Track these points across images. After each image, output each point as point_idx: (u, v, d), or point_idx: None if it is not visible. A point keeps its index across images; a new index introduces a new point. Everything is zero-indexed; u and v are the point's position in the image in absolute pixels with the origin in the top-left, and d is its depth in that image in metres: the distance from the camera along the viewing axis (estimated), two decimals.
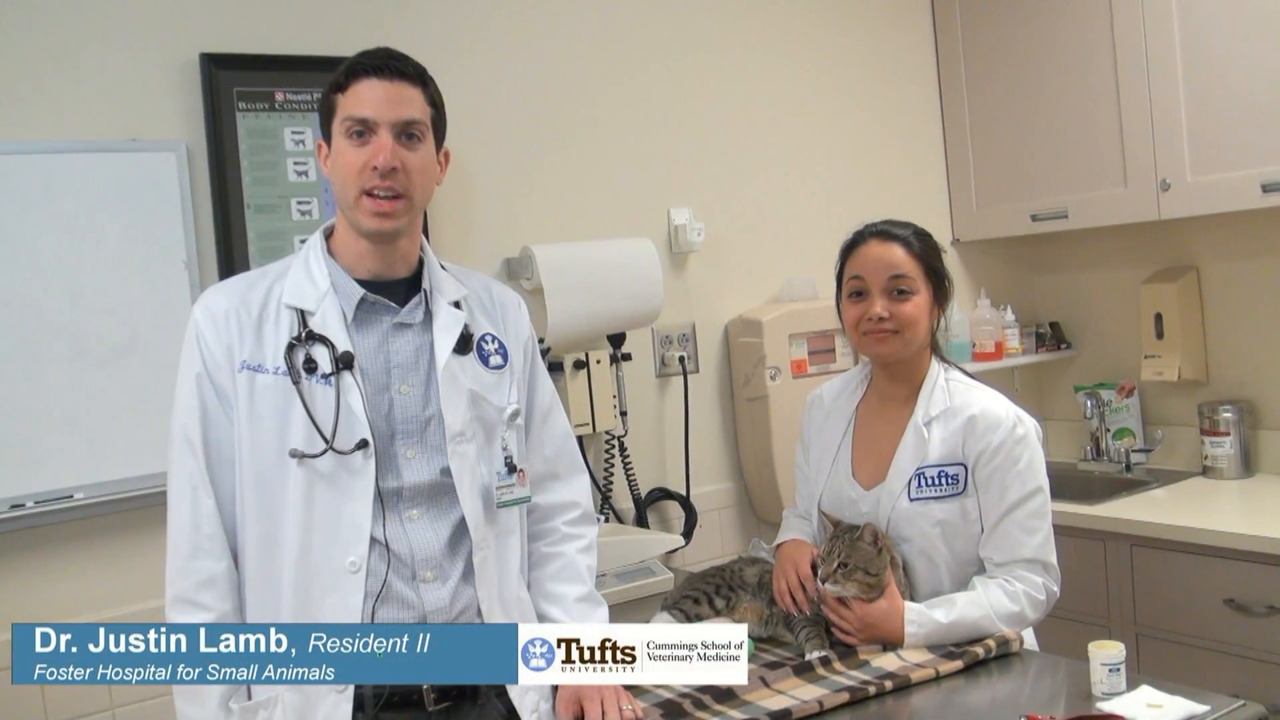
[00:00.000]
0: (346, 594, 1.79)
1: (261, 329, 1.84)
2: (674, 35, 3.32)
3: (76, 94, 2.45)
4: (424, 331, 1.90)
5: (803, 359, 3.34)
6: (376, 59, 1.81)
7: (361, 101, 1.79)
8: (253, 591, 1.82)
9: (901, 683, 2.00)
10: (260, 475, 1.80)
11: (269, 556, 1.80)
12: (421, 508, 1.86)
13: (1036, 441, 2.25)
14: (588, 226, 3.14)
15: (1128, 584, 3.11)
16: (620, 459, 3.14)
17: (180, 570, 1.79)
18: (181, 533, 1.80)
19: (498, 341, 1.99)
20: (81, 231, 2.40)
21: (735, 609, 2.33)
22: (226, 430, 1.81)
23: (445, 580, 1.86)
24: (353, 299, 1.86)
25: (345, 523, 1.80)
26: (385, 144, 1.79)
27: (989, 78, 3.75)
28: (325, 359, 1.82)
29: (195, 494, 1.80)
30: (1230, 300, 3.53)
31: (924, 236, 2.31)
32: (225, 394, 1.81)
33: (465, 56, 2.95)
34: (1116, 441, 3.76)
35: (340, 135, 1.81)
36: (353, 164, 1.80)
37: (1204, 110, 3.17)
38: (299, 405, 1.80)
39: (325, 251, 1.89)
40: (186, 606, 1.78)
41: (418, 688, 1.81)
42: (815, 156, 3.60)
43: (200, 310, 1.86)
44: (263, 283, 1.88)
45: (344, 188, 1.82)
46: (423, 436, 1.87)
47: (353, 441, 1.80)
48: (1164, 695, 1.86)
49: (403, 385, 1.87)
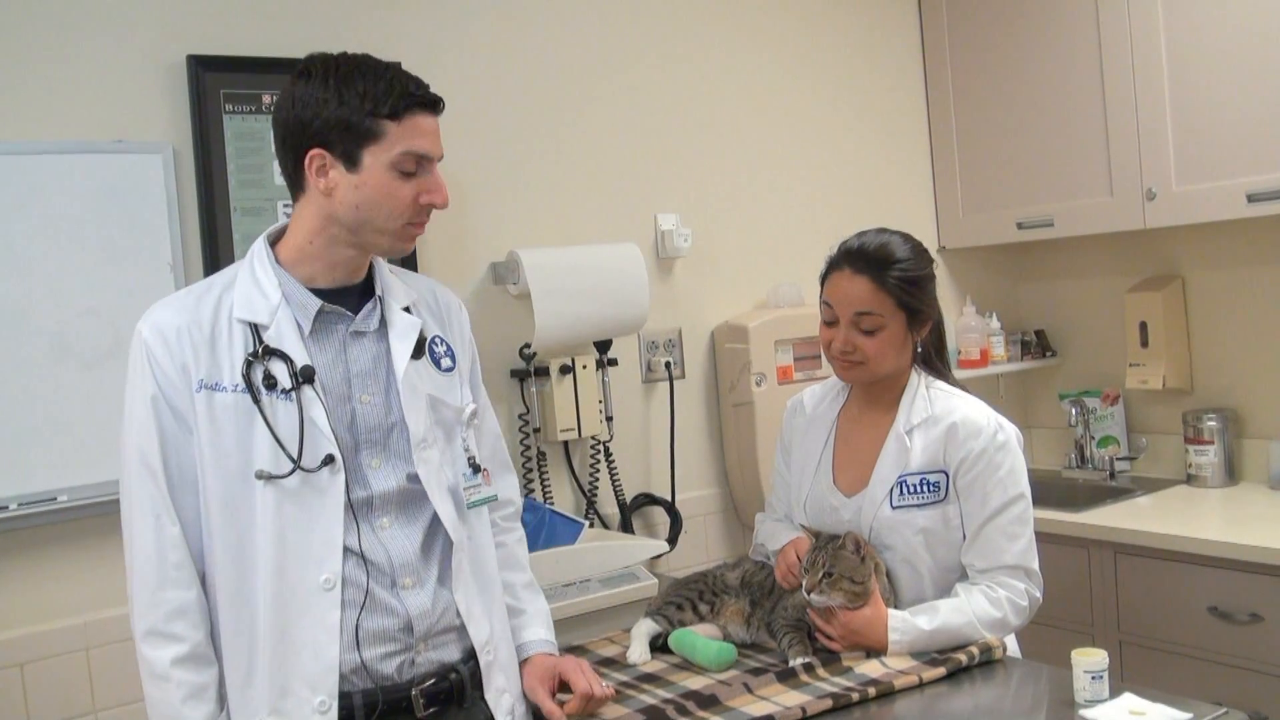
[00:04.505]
0: (322, 613, 1.75)
1: (215, 345, 1.77)
2: (662, 42, 3.32)
3: (62, 95, 2.44)
4: (380, 338, 1.87)
5: (788, 365, 3.34)
6: (425, 91, 1.78)
7: (420, 136, 1.77)
8: (226, 617, 1.76)
9: (885, 689, 2.00)
10: (227, 497, 1.74)
11: (242, 580, 1.75)
12: (392, 515, 1.83)
13: (1017, 448, 2.25)
14: (574, 231, 3.14)
15: (1111, 592, 3.12)
16: (606, 464, 3.14)
17: (149, 603, 1.73)
18: (147, 563, 1.74)
19: (445, 344, 1.97)
20: (66, 233, 2.40)
21: (720, 614, 2.33)
22: (186, 453, 1.75)
23: (424, 585, 1.84)
24: (309, 310, 1.81)
25: (317, 540, 1.76)
26: (443, 183, 1.80)
27: (975, 85, 3.77)
28: (284, 374, 1.76)
29: (159, 521, 1.74)
30: (1215, 309, 3.55)
31: (902, 264, 2.22)
32: (183, 415, 1.75)
33: (453, 60, 2.95)
34: (1101, 449, 3.77)
35: (384, 164, 1.75)
36: (405, 197, 1.77)
37: (1190, 120, 3.19)
38: (261, 424, 1.74)
39: (273, 260, 1.83)
40: (159, 639, 1.72)
41: (407, 695, 1.80)
42: (802, 163, 3.61)
43: (148, 329, 1.78)
44: (210, 296, 1.81)
45: (389, 217, 1.78)
46: (386, 445, 1.84)
47: (319, 458, 1.76)
48: (1147, 703, 1.86)
49: (363, 395, 1.83)
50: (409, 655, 1.81)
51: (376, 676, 1.79)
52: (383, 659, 1.79)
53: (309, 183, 1.77)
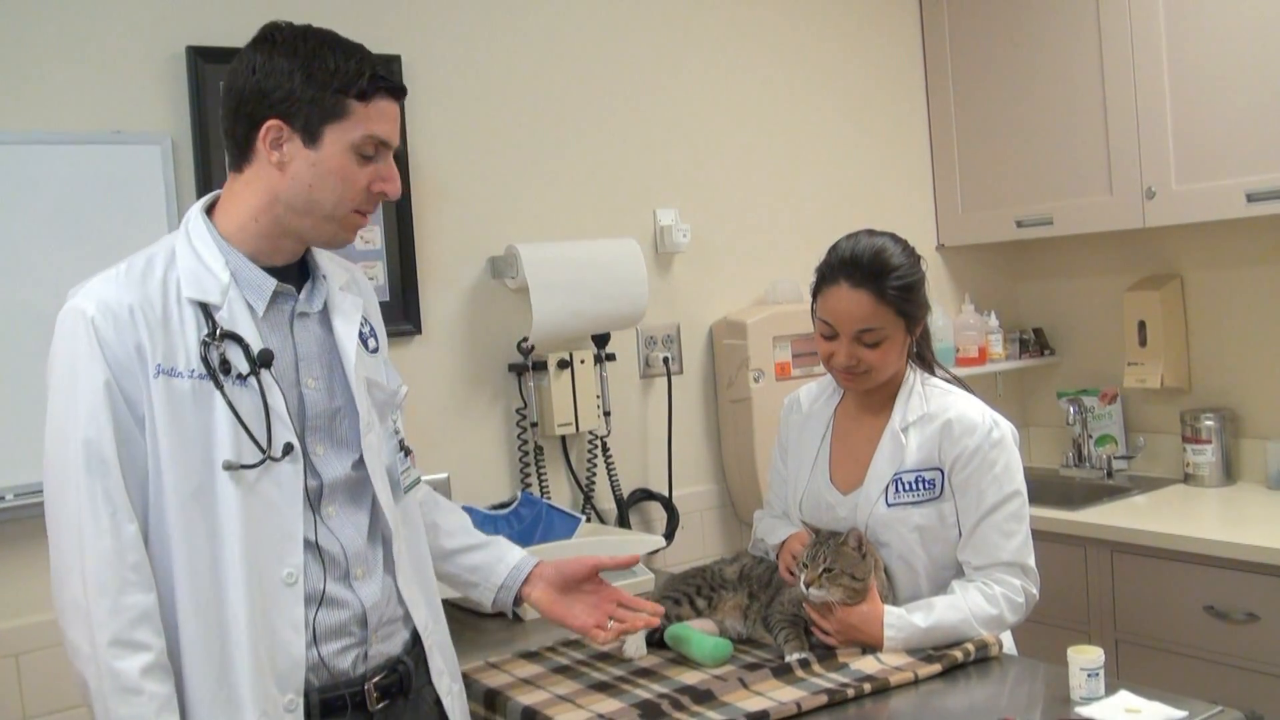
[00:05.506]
0: (288, 607, 1.68)
1: (168, 327, 1.66)
2: (662, 36, 3.32)
3: (61, 85, 2.44)
4: (323, 320, 1.81)
5: (786, 361, 3.34)
6: (392, 77, 1.74)
7: (385, 121, 1.72)
8: (193, 621, 1.64)
9: (880, 686, 2.00)
10: (192, 491, 1.64)
11: (212, 579, 1.64)
12: (338, 504, 1.78)
13: (1013, 445, 2.25)
14: (573, 226, 3.14)
15: (1108, 590, 3.12)
16: (603, 459, 3.14)
17: (111, 610, 1.58)
18: (104, 566, 1.59)
19: (370, 325, 1.91)
20: (64, 224, 2.39)
21: (717, 609, 2.33)
22: (140, 445, 1.63)
23: (373, 574, 1.80)
24: (264, 291, 1.73)
25: (281, 533, 1.69)
26: (396, 173, 1.75)
27: (976, 83, 3.76)
28: (240, 358, 1.68)
29: (115, 519, 1.60)
30: (1214, 309, 3.55)
31: (898, 272, 2.19)
32: (135, 403, 1.63)
33: (453, 54, 2.95)
34: (1098, 448, 3.77)
35: (344, 146, 1.69)
36: (360, 182, 1.71)
37: (1190, 119, 3.19)
38: (223, 412, 1.65)
39: (216, 235, 1.73)
40: (124, 649, 1.58)
41: (361, 689, 1.76)
42: (802, 159, 3.60)
43: (94, 306, 1.63)
44: (153, 273, 1.69)
45: (336, 202, 1.71)
46: (331, 430, 1.78)
47: (280, 446, 1.69)
48: (1142, 700, 1.86)
49: (309, 379, 1.76)
50: (363, 649, 1.78)
51: (334, 673, 1.74)
52: (339, 654, 1.75)
53: (260, 154, 1.70)
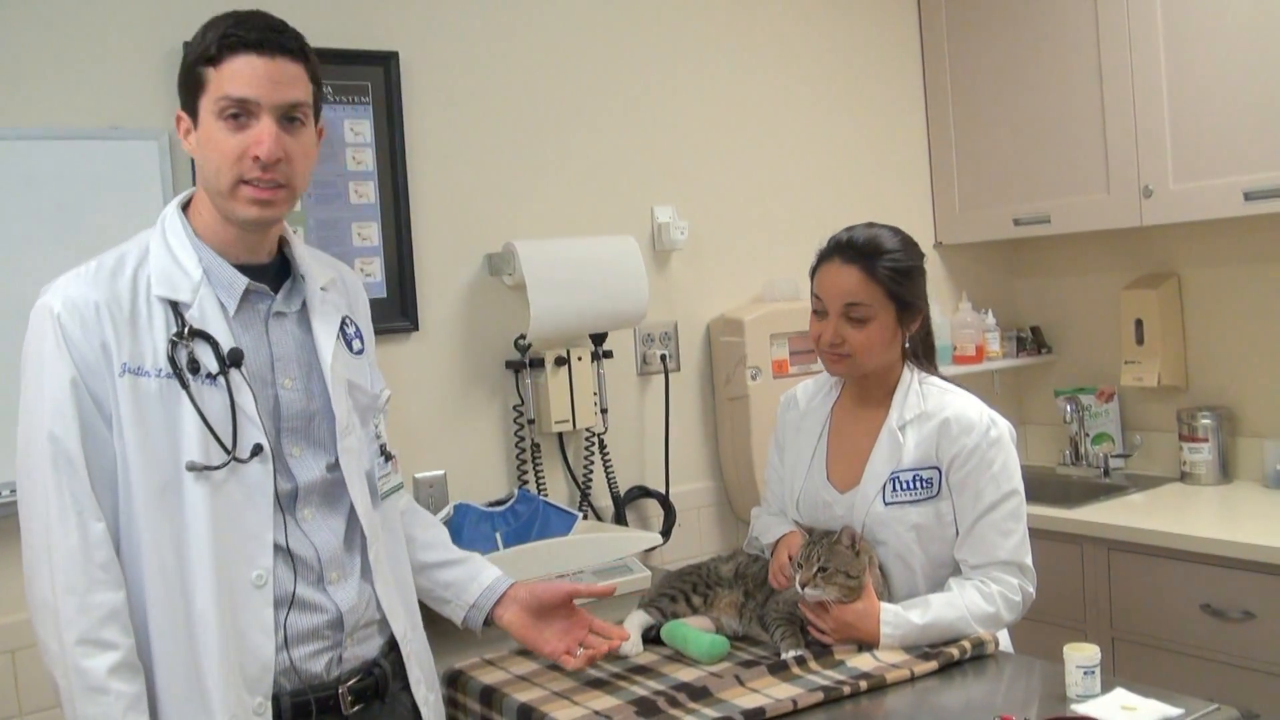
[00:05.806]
0: (257, 610, 1.68)
1: (136, 325, 1.65)
2: (660, 35, 3.32)
3: (57, 81, 2.43)
4: (301, 320, 1.79)
5: (784, 359, 3.34)
6: (256, 30, 1.64)
7: (240, 80, 1.62)
8: (160, 621, 1.64)
9: (876, 683, 2.00)
10: (158, 491, 1.63)
11: (179, 580, 1.64)
12: (314, 507, 1.76)
13: (1011, 444, 2.25)
14: (571, 223, 3.14)
15: (1104, 588, 3.13)
16: (600, 456, 3.13)
17: (79, 608, 1.59)
18: (72, 565, 1.59)
19: (355, 325, 1.90)
20: (61, 219, 2.38)
21: (713, 606, 2.33)
22: (107, 443, 1.62)
23: (349, 578, 1.79)
24: (235, 289, 1.71)
25: (249, 535, 1.67)
26: (269, 132, 1.63)
27: (974, 81, 3.76)
28: (209, 358, 1.66)
29: (82, 518, 1.60)
30: (1211, 307, 3.55)
31: (892, 255, 2.22)
32: (102, 401, 1.62)
33: (450, 51, 2.94)
34: (1095, 446, 3.77)
35: (211, 115, 1.64)
36: (229, 150, 1.63)
37: (1187, 117, 3.18)
38: (190, 412, 1.64)
39: (190, 232, 1.72)
40: (92, 648, 1.58)
41: (334, 693, 1.75)
42: (799, 157, 3.60)
43: (61, 303, 1.63)
44: (124, 270, 1.68)
45: (217, 175, 1.65)
46: (307, 433, 1.77)
47: (248, 448, 1.67)
48: (1138, 698, 1.87)
49: (285, 379, 1.75)
50: (337, 652, 1.77)
51: (306, 676, 1.73)
52: (311, 657, 1.74)
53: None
